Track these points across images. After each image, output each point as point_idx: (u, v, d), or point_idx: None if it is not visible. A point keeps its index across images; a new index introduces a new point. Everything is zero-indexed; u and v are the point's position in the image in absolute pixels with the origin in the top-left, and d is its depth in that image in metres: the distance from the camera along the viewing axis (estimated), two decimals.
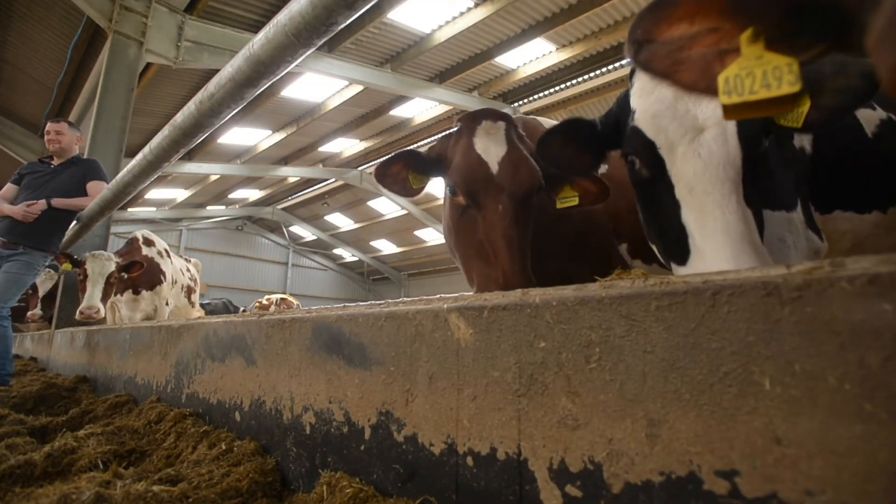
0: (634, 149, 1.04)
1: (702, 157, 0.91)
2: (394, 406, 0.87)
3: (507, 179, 1.31)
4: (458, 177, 1.36)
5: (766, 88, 0.58)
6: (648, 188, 1.05)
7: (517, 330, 0.73)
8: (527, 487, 0.68)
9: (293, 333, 1.16)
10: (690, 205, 0.92)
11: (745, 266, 0.78)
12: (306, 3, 1.03)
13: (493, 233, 1.27)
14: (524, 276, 1.24)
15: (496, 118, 1.41)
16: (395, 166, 1.48)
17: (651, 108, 0.98)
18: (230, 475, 1.02)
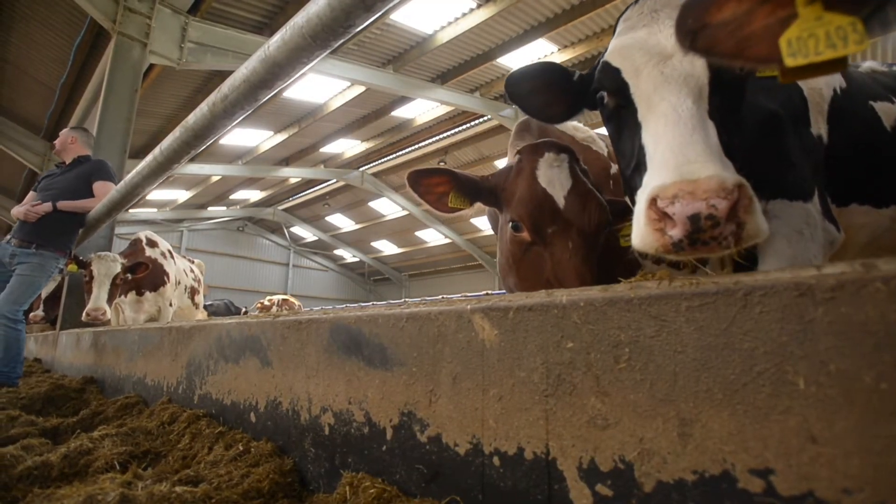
0: (601, 81, 1.01)
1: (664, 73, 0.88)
2: (416, 406, 0.88)
3: (575, 214, 1.26)
4: (524, 210, 1.28)
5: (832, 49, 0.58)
6: (616, 120, 1.02)
7: (544, 330, 0.73)
8: (556, 487, 0.68)
9: (310, 334, 1.16)
10: (649, 120, 0.87)
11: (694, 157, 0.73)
12: (324, 5, 1.03)
13: (564, 272, 1.21)
14: None
15: (559, 150, 1.36)
16: (436, 178, 1.41)
17: (620, 44, 0.97)
18: (250, 476, 1.02)
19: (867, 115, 1.30)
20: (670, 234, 0.70)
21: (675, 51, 0.89)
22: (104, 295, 3.43)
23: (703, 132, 0.79)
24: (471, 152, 11.46)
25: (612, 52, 0.99)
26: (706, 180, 0.69)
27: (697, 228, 0.68)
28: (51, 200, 2.80)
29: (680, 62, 0.89)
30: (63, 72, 6.48)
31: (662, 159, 0.78)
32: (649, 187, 0.77)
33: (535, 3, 6.50)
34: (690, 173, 0.71)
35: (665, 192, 0.71)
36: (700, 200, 0.68)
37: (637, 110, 0.93)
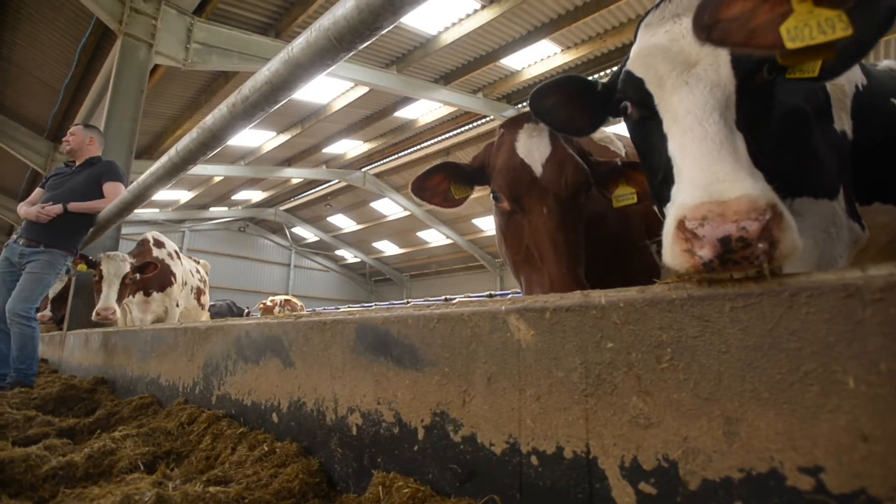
0: (625, 91, 1.01)
1: (689, 84, 0.87)
2: (449, 407, 0.88)
3: (551, 181, 1.27)
4: (502, 181, 1.32)
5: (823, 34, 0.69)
6: (642, 131, 1.00)
7: (582, 331, 0.74)
8: (597, 485, 0.69)
9: (335, 335, 1.16)
10: (675, 132, 0.86)
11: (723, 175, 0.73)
12: (352, 7, 1.04)
13: (539, 236, 1.23)
14: (573, 279, 1.19)
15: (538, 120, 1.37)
16: (435, 178, 1.44)
17: (642, 51, 0.96)
18: (279, 476, 1.03)
19: (890, 112, 1.30)
20: (700, 255, 0.69)
21: (699, 57, 0.89)
22: (114, 295, 3.43)
23: (731, 146, 0.78)
24: (473, 153, 11.42)
25: (634, 61, 0.98)
26: (736, 201, 0.68)
27: (728, 249, 0.66)
28: (61, 201, 2.81)
29: (705, 70, 0.87)
30: (67, 73, 6.49)
31: (690, 177, 0.77)
32: (677, 205, 0.76)
33: (539, 4, 6.52)
34: (720, 193, 0.70)
35: (694, 214, 0.70)
36: (730, 222, 0.67)
37: (662, 121, 0.92)
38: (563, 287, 1.17)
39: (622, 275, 1.73)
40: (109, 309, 3.33)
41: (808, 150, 1.23)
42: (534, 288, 1.26)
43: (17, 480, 1.20)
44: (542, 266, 1.22)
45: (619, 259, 1.74)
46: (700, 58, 0.89)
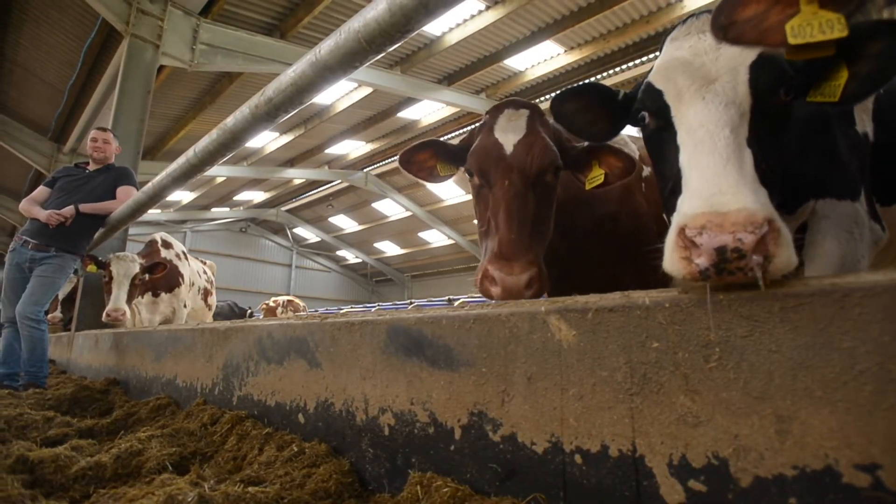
0: (644, 102, 1.04)
1: (705, 99, 0.90)
2: (487, 406, 0.89)
3: (518, 159, 1.33)
4: (473, 158, 1.39)
5: (822, 34, 0.77)
6: (657, 141, 1.03)
7: (626, 331, 0.75)
8: (644, 483, 0.70)
9: (364, 336, 1.17)
10: (687, 143, 0.89)
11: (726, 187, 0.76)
12: (384, 10, 1.05)
13: (497, 205, 1.28)
14: (520, 244, 1.21)
15: (519, 107, 1.45)
16: (423, 154, 1.52)
17: (665, 64, 0.98)
18: (312, 476, 1.03)
19: None
20: (697, 263, 0.72)
21: (718, 74, 0.91)
22: (123, 295, 3.43)
23: (737, 162, 0.80)
24: None
25: (655, 73, 1.01)
26: (735, 213, 0.71)
27: (724, 259, 0.69)
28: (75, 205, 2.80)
29: (722, 87, 0.90)
30: (72, 74, 6.49)
31: (695, 188, 0.80)
32: (680, 214, 0.79)
33: (543, 5, 6.53)
34: (721, 205, 0.73)
35: (694, 222, 0.73)
36: (727, 233, 0.69)
37: (677, 133, 0.94)
38: (509, 250, 1.20)
39: (634, 274, 1.75)
40: (119, 310, 3.33)
41: (830, 153, 1.24)
42: (486, 254, 1.28)
43: (47, 480, 1.21)
44: (496, 233, 1.26)
45: (631, 258, 1.75)
46: (719, 75, 0.92)
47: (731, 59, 0.93)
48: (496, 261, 1.16)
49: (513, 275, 1.13)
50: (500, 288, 1.14)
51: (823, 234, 1.26)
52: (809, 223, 1.34)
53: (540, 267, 1.19)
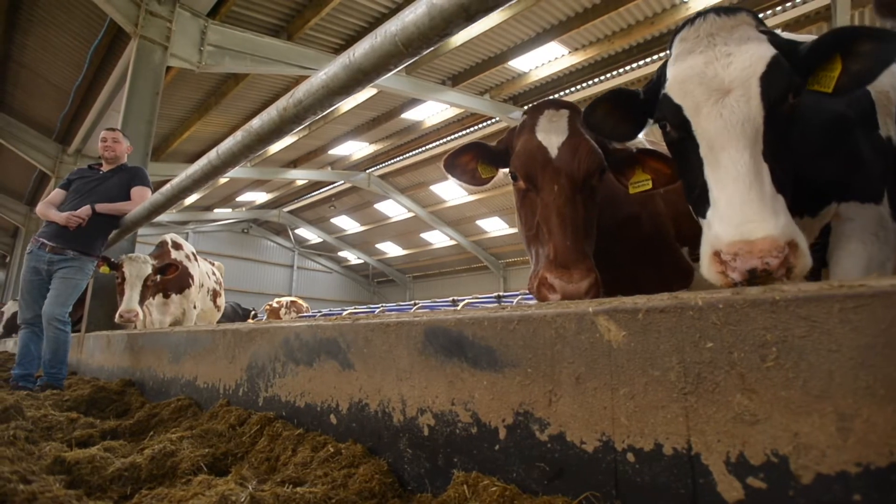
0: (664, 114, 1.11)
1: (723, 116, 0.99)
2: (534, 406, 0.90)
3: (565, 162, 1.33)
4: (518, 162, 1.39)
5: None
6: (679, 149, 1.13)
7: (679, 331, 0.76)
8: (701, 480, 0.71)
9: (400, 337, 1.18)
10: (710, 160, 1.00)
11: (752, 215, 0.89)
12: (423, 14, 1.06)
13: (548, 211, 1.28)
14: (577, 251, 1.23)
15: (559, 107, 1.45)
16: (464, 157, 1.53)
17: (680, 75, 1.06)
18: (353, 477, 1.04)
19: None
20: (731, 277, 0.88)
21: (731, 86, 1.00)
22: (136, 296, 3.43)
23: (759, 185, 0.92)
24: None
25: (672, 86, 1.08)
26: (761, 241, 0.86)
27: (753, 276, 0.86)
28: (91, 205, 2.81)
29: (737, 101, 0.99)
30: (78, 75, 6.50)
31: (724, 214, 0.93)
32: (714, 236, 0.93)
33: (548, 7, 6.56)
34: (749, 233, 0.87)
35: (728, 250, 0.88)
36: (756, 258, 0.85)
37: (699, 146, 1.03)
38: (567, 256, 1.21)
39: (653, 273, 1.76)
40: (132, 311, 3.34)
41: (853, 156, 1.27)
42: (541, 260, 1.29)
43: (85, 481, 1.21)
44: (549, 239, 1.27)
45: (653, 257, 1.77)
46: (732, 86, 1.00)
47: (742, 69, 1.01)
48: (554, 268, 1.17)
49: (573, 282, 1.14)
50: (559, 295, 1.15)
51: (848, 237, 1.29)
52: (833, 225, 1.36)
53: (597, 273, 1.20)
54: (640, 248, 1.74)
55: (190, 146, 9.77)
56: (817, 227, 1.42)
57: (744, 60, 1.00)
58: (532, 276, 1.30)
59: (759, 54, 0.99)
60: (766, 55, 0.99)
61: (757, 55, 0.99)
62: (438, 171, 12.61)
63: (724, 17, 1.07)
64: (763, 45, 1.01)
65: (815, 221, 1.39)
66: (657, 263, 1.76)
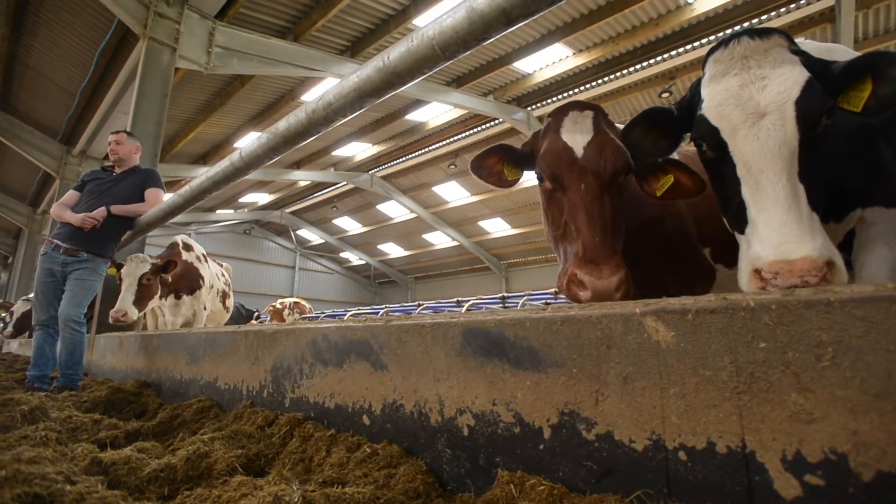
0: (701, 134, 1.15)
1: (759, 139, 1.02)
2: (580, 406, 0.91)
3: (591, 161, 1.34)
4: (544, 163, 1.40)
5: None
6: (716, 167, 1.16)
7: (730, 332, 0.77)
8: (756, 478, 0.72)
9: (436, 338, 1.19)
10: (748, 181, 1.04)
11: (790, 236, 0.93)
12: (462, 19, 1.07)
13: (576, 209, 1.30)
14: (606, 247, 1.23)
15: (583, 108, 1.47)
16: (491, 159, 1.54)
17: (716, 98, 1.10)
18: (395, 477, 1.05)
19: None
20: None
21: (766, 109, 1.03)
22: (129, 297, 3.32)
23: (797, 207, 0.96)
24: None
25: (709, 108, 1.12)
26: (800, 261, 0.90)
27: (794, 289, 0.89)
28: (106, 207, 2.82)
29: (773, 125, 1.02)
30: (84, 76, 6.51)
31: (764, 234, 0.97)
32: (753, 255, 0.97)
33: (554, 8, 6.57)
34: (789, 252, 0.91)
35: (769, 269, 0.93)
36: (796, 277, 0.90)
37: (736, 166, 1.07)
38: (596, 253, 1.22)
39: (676, 274, 1.78)
40: (121, 311, 3.23)
41: (876, 164, 1.30)
42: (569, 257, 1.30)
43: (122, 482, 1.22)
44: (577, 237, 1.28)
45: (676, 258, 1.79)
46: (768, 110, 1.03)
47: (777, 93, 1.05)
48: (584, 265, 1.18)
49: (603, 278, 1.15)
50: (589, 292, 1.16)
51: (874, 240, 1.31)
52: (858, 230, 1.38)
53: (626, 269, 1.21)
54: (664, 249, 1.76)
55: (194, 147, 9.78)
56: (842, 232, 1.44)
57: (779, 84, 1.04)
58: (561, 273, 1.31)
59: (793, 78, 1.03)
60: (801, 79, 1.03)
61: (791, 79, 1.03)
62: (441, 171, 12.64)
63: (758, 39, 1.10)
64: (797, 67, 1.05)
65: (839, 227, 1.41)
66: (680, 264, 1.78)
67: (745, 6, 6.41)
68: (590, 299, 1.20)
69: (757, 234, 0.99)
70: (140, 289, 3.36)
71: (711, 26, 6.74)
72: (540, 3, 0.98)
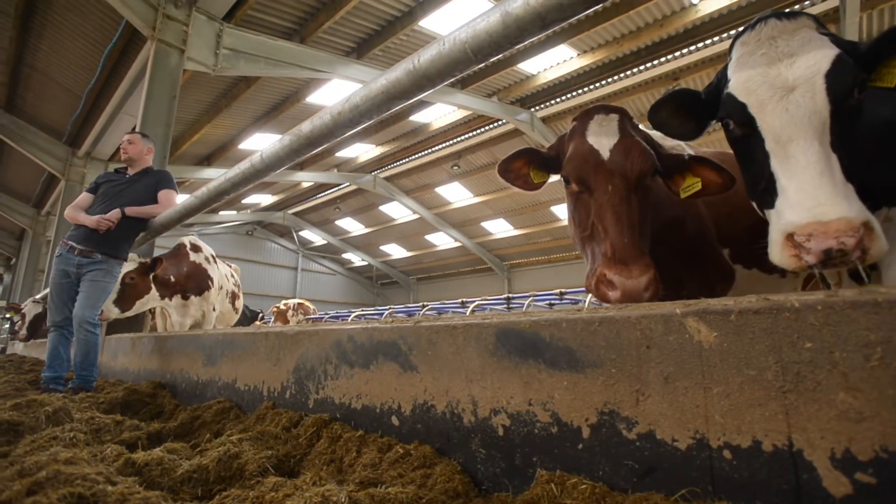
0: (729, 112, 1.14)
1: (788, 111, 1.00)
2: (619, 406, 0.92)
3: (618, 163, 1.35)
4: (571, 166, 1.41)
5: None
6: (743, 145, 1.15)
7: (775, 332, 0.78)
8: (804, 476, 0.73)
9: (468, 339, 1.20)
10: (777, 153, 1.02)
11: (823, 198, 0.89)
12: (496, 22, 1.08)
13: (603, 211, 1.31)
14: (634, 248, 1.24)
15: (609, 111, 1.47)
16: (517, 162, 1.55)
17: (743, 76, 1.09)
18: (431, 477, 1.06)
19: None
20: (806, 259, 0.90)
21: (796, 83, 1.01)
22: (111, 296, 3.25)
23: (829, 173, 0.94)
24: (484, 156, 11.55)
25: (736, 85, 1.10)
26: (836, 222, 0.86)
27: (829, 257, 0.87)
28: (121, 208, 2.83)
29: (802, 96, 1.00)
30: (90, 78, 6.53)
31: (796, 199, 0.94)
32: (785, 221, 0.94)
33: None
34: (823, 214, 0.88)
35: (802, 230, 0.89)
36: (832, 238, 0.86)
37: (764, 140, 1.05)
38: (623, 254, 1.23)
39: (696, 274, 1.79)
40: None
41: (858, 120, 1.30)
42: (597, 258, 1.31)
43: (156, 482, 1.23)
44: (605, 238, 1.29)
45: (696, 259, 1.80)
46: (797, 84, 1.01)
47: (807, 67, 1.03)
48: (613, 265, 1.19)
49: (632, 278, 1.17)
50: (619, 291, 1.17)
51: None
52: (884, 229, 1.39)
53: (655, 269, 1.22)
54: (684, 250, 1.77)
55: (198, 149, 9.80)
56: None
57: (807, 60, 1.02)
58: (589, 274, 1.32)
59: (822, 53, 1.02)
60: (830, 54, 1.02)
61: (821, 54, 1.02)
62: (444, 172, 12.65)
63: (786, 20, 1.10)
64: (825, 44, 1.04)
65: None
66: (700, 264, 1.79)
67: (749, 7, 6.43)
68: (619, 299, 1.22)
69: (787, 201, 0.96)
70: (123, 288, 3.28)
71: (716, 27, 6.76)
72: (576, 7, 1.00)
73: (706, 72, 7.47)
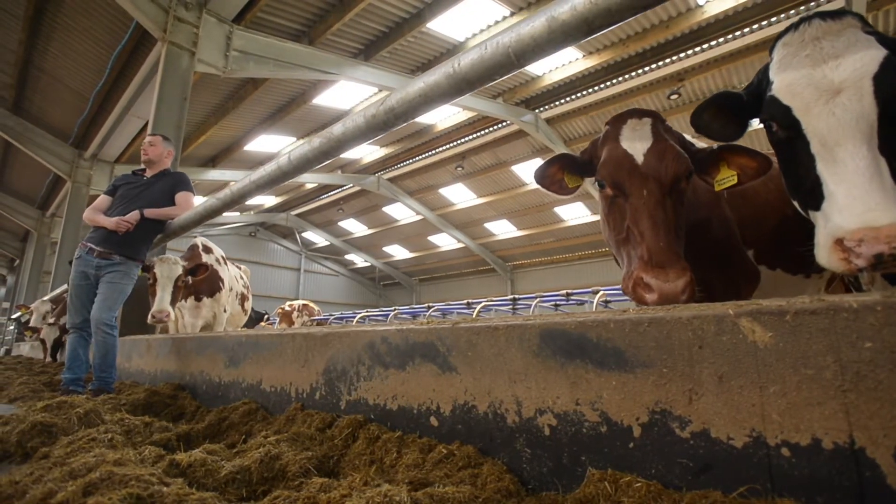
0: (772, 115, 1.13)
1: (835, 114, 1.00)
2: (672, 405, 0.94)
3: (652, 168, 1.36)
4: (605, 170, 1.42)
5: None
6: (787, 147, 1.14)
7: (832, 332, 0.80)
8: (867, 473, 0.74)
9: (511, 340, 1.21)
10: (824, 157, 1.01)
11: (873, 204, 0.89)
12: (541, 27, 1.10)
13: (639, 215, 1.32)
14: (671, 251, 1.25)
15: (642, 115, 1.48)
16: (552, 168, 1.58)
17: (787, 78, 1.08)
18: (479, 477, 1.07)
19: None
20: (856, 263, 0.90)
21: (842, 86, 1.00)
22: (167, 297, 3.40)
23: (879, 177, 0.93)
24: (488, 157, 11.57)
25: (779, 89, 1.10)
26: (888, 227, 0.87)
27: (880, 262, 0.88)
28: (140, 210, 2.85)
29: (849, 99, 0.99)
30: (98, 80, 6.54)
31: (845, 204, 0.94)
32: (834, 226, 0.95)
33: None
34: (874, 220, 0.89)
35: (852, 236, 0.90)
36: (883, 243, 0.87)
37: (809, 143, 1.05)
38: (660, 257, 1.24)
39: (722, 276, 1.81)
40: (164, 311, 3.32)
41: None
42: (633, 261, 1.33)
43: (201, 483, 1.24)
44: (641, 241, 1.30)
45: (723, 260, 1.82)
46: (844, 86, 1.00)
47: (853, 70, 1.01)
48: (650, 269, 1.21)
49: (669, 281, 1.18)
50: (656, 294, 1.19)
51: None
52: None
53: (691, 272, 1.24)
54: (711, 251, 1.79)
55: (204, 150, 9.81)
56: None
57: (854, 62, 1.01)
58: (626, 277, 1.34)
59: (870, 55, 1.00)
60: (878, 55, 1.00)
61: (868, 56, 1.00)
62: (448, 174, 12.67)
63: (830, 21, 1.08)
64: (872, 45, 1.02)
65: None
66: (727, 265, 1.81)
67: (755, 8, 6.46)
68: (656, 302, 1.23)
69: (836, 205, 0.96)
70: (175, 290, 3.41)
71: (721, 28, 6.78)
72: (623, 13, 1.01)
73: (712, 73, 7.50)
